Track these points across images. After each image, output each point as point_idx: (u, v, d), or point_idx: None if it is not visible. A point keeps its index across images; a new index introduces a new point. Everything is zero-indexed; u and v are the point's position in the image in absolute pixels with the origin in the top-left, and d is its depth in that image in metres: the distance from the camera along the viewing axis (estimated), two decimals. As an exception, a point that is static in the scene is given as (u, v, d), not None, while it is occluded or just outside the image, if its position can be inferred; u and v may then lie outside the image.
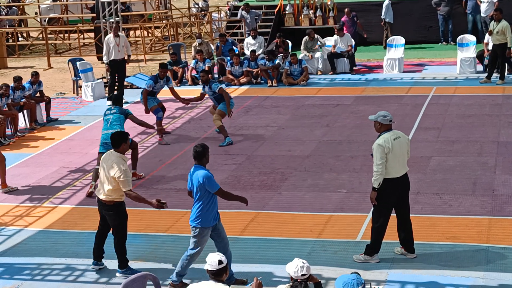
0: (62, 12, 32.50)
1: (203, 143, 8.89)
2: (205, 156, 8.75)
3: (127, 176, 8.96)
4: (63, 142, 15.57)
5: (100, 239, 9.45)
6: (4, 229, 11.07)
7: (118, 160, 9.03)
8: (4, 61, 25.54)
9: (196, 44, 21.49)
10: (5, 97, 16.08)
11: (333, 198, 11.54)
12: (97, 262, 9.49)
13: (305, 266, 6.54)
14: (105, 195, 9.06)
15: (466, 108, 16.33)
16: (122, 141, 9.16)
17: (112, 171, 8.95)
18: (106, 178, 9.05)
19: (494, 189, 11.52)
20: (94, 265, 9.49)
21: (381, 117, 8.97)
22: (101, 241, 9.45)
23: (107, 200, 9.08)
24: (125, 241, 9.28)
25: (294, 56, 19.87)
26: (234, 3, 27.76)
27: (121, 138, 9.18)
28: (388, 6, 23.20)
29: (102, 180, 9.13)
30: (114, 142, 9.17)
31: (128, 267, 9.31)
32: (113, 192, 9.03)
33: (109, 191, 9.01)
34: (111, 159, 9.08)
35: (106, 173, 9.04)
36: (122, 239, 9.24)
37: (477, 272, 8.80)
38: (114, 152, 9.15)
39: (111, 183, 8.99)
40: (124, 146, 9.17)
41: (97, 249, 9.45)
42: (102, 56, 19.38)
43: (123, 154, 9.18)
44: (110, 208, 9.12)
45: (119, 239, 9.24)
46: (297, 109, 17.14)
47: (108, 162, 9.07)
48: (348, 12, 21.38)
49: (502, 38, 18.03)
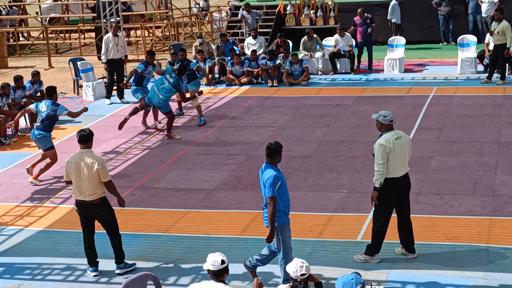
0: (63, 12, 32.52)
1: (277, 141, 8.64)
2: (278, 154, 8.46)
3: (105, 166, 9.19)
4: (64, 142, 15.57)
5: (90, 244, 9.39)
6: (4, 229, 11.07)
7: (90, 155, 9.21)
8: (5, 60, 25.56)
9: (197, 44, 21.49)
10: (6, 96, 16.07)
11: (333, 198, 11.54)
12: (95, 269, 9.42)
13: (304, 266, 6.54)
14: (91, 194, 9.10)
15: (467, 108, 16.33)
16: (91, 138, 9.39)
17: (95, 166, 9.05)
18: (84, 178, 9.09)
19: (494, 189, 11.51)
20: (93, 271, 9.38)
21: (381, 117, 8.98)
22: (92, 246, 9.41)
23: (95, 199, 9.13)
24: (119, 234, 9.38)
25: (295, 56, 19.87)
26: (235, 3, 27.75)
27: (91, 136, 9.40)
28: (394, 6, 23.13)
29: (81, 181, 9.12)
30: (85, 139, 9.31)
31: (125, 262, 9.39)
32: (96, 189, 9.12)
33: (93, 188, 9.08)
34: (82, 159, 9.16)
35: (84, 173, 9.09)
36: (118, 232, 9.35)
37: (478, 273, 8.79)
38: (81, 151, 9.26)
39: (92, 180, 9.06)
40: (91, 143, 9.39)
41: (91, 255, 9.40)
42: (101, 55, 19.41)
43: (91, 150, 9.39)
44: (98, 205, 9.18)
45: (115, 233, 9.33)
46: (297, 109, 17.14)
47: (80, 163, 9.13)
48: (361, 12, 20.92)
49: (503, 38, 18.03)
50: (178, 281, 9.05)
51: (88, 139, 9.34)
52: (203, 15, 30.92)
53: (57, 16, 32.15)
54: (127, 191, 12.32)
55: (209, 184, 12.48)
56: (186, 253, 9.82)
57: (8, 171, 13.85)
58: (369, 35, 20.92)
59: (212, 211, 11.29)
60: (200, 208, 11.44)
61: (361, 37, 20.82)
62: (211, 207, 11.46)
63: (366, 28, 20.61)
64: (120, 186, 12.53)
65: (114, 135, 15.76)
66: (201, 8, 32.54)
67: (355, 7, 23.25)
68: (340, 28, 20.90)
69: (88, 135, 9.36)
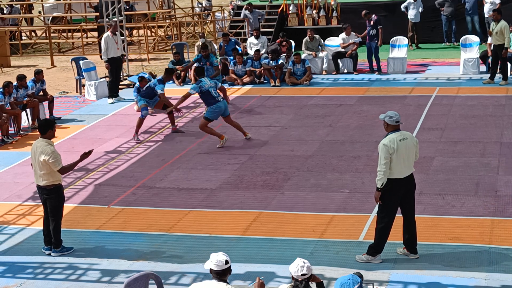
0: (65, 11, 32.55)
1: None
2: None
3: (56, 157, 9.59)
4: (66, 141, 15.58)
5: (48, 226, 10.01)
6: (6, 228, 11.08)
7: (44, 145, 9.66)
8: (7, 59, 25.58)
9: (200, 44, 21.49)
10: (8, 95, 16.07)
11: (335, 198, 11.54)
12: (49, 248, 10.06)
13: (305, 266, 6.53)
14: (44, 180, 9.71)
15: (469, 108, 16.32)
16: (49, 127, 9.76)
17: (42, 157, 9.57)
18: (38, 165, 9.70)
19: (497, 190, 11.50)
20: (45, 249, 10.05)
21: (388, 118, 8.97)
22: (50, 228, 10.01)
23: (48, 184, 9.73)
24: (60, 222, 9.98)
25: (298, 55, 19.85)
26: (238, 3, 27.76)
27: (48, 125, 9.79)
28: (411, 2, 23.23)
29: (36, 167, 9.77)
30: (41, 129, 9.78)
31: (62, 246, 10.00)
32: (49, 176, 9.68)
33: (45, 175, 9.67)
34: (38, 146, 9.71)
35: (37, 160, 9.67)
36: (59, 220, 9.95)
37: (480, 273, 8.78)
38: (40, 139, 9.76)
39: (44, 168, 9.63)
40: (50, 133, 9.78)
41: (47, 235, 10.03)
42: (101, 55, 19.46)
43: (50, 140, 9.78)
44: (51, 191, 9.79)
45: (57, 220, 9.91)
46: (300, 109, 17.13)
47: (37, 150, 9.70)
48: (363, 14, 20.74)
49: (501, 38, 18.00)
50: (180, 280, 9.05)
51: (43, 129, 9.77)
52: (205, 15, 30.92)
53: (60, 15, 32.18)
54: (129, 191, 12.33)
55: (211, 183, 12.49)
56: (188, 253, 9.82)
57: (10, 170, 13.86)
58: (372, 37, 20.81)
59: (214, 211, 11.29)
60: (202, 207, 11.45)
61: (367, 38, 20.75)
62: (213, 206, 11.46)
63: (370, 30, 20.56)
64: (122, 185, 12.59)
65: (116, 134, 15.77)
66: (203, 7, 32.55)
67: (358, 7, 23.27)
68: (345, 26, 20.85)
69: (44, 125, 9.83)
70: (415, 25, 23.50)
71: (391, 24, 23.18)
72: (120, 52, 19.00)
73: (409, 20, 23.44)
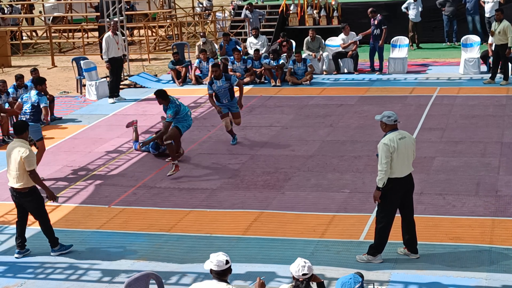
0: (66, 11, 32.57)
1: None
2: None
3: (32, 156, 9.60)
4: (67, 141, 15.58)
5: (21, 228, 9.98)
6: (7, 228, 11.08)
7: (21, 144, 9.70)
8: (8, 59, 25.59)
9: (200, 44, 21.49)
10: (4, 93, 15.98)
11: (336, 198, 11.53)
12: (20, 251, 9.97)
13: (306, 266, 6.53)
14: (18, 182, 9.64)
15: (470, 108, 16.31)
16: (25, 129, 9.86)
17: (19, 153, 9.56)
18: (14, 165, 9.62)
19: (497, 189, 11.50)
20: (18, 254, 9.94)
21: (385, 118, 8.97)
22: (23, 230, 10.00)
23: (22, 187, 9.66)
24: (49, 221, 9.91)
25: (299, 54, 19.85)
26: (239, 3, 27.77)
27: (24, 126, 9.89)
28: (411, 2, 23.21)
29: (11, 169, 9.69)
30: (17, 130, 9.85)
31: (60, 244, 9.94)
32: (23, 177, 9.60)
33: (21, 176, 9.59)
34: (13, 145, 9.73)
35: (12, 161, 9.64)
36: (46, 220, 9.88)
37: (480, 273, 8.78)
38: (15, 140, 9.83)
39: (18, 168, 9.56)
40: (26, 134, 9.85)
41: (19, 238, 9.97)
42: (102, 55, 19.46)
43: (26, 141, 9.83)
44: (26, 194, 9.71)
45: (43, 221, 9.85)
46: (300, 108, 17.13)
47: (13, 149, 9.70)
48: (368, 12, 20.81)
49: (504, 38, 17.99)
50: (181, 280, 9.04)
51: (19, 130, 9.83)
52: (206, 15, 30.93)
53: (61, 15, 32.19)
54: (129, 190, 12.33)
55: (211, 183, 12.48)
56: (188, 253, 9.82)
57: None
58: (377, 37, 20.77)
59: (214, 211, 11.29)
60: (202, 207, 11.44)
61: (371, 38, 20.71)
62: (213, 206, 11.46)
63: (374, 29, 20.54)
64: (122, 185, 12.59)
65: (117, 134, 15.77)
66: (204, 7, 32.57)
67: (358, 7, 23.26)
68: (343, 26, 20.84)
69: (20, 126, 9.90)
70: (416, 25, 23.53)
71: (392, 24, 23.17)
72: (121, 52, 19.00)
73: (410, 20, 23.46)
